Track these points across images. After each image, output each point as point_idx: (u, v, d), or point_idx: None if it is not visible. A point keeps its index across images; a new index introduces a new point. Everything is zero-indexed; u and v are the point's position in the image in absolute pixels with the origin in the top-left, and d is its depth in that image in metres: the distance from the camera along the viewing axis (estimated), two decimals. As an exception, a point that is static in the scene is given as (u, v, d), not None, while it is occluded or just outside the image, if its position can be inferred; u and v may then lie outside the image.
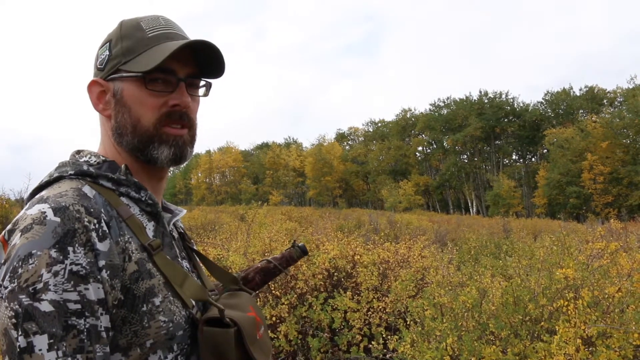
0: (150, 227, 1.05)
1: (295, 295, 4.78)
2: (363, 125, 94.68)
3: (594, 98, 68.35)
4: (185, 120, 1.09)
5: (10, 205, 8.91)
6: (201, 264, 1.25)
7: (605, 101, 68.10)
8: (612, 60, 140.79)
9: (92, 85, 1.08)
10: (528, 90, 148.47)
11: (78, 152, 1.10)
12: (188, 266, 1.13)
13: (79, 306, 0.83)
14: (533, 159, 75.92)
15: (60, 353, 0.80)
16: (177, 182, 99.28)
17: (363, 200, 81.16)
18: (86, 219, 0.88)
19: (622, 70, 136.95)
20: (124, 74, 1.05)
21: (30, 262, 0.82)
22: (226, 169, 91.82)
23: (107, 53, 1.07)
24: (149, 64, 1.03)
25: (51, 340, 0.80)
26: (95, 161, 1.05)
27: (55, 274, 0.82)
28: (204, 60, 1.10)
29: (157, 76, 1.05)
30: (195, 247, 1.25)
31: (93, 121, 1.18)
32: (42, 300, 0.80)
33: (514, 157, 78.40)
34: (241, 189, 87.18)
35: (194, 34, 1.16)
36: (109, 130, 1.09)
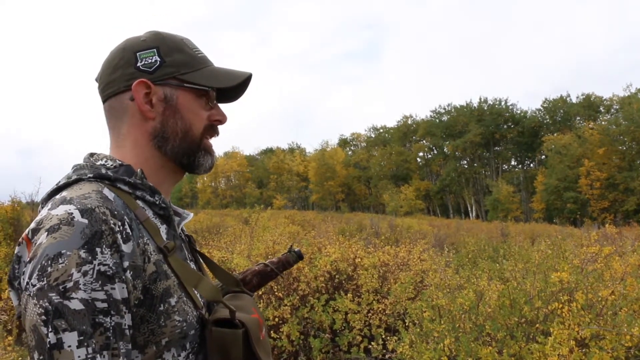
0: (163, 230, 1.07)
1: (298, 297, 4.81)
2: (365, 131, 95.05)
3: (590, 105, 68.52)
4: (217, 134, 1.20)
5: (22, 207, 8.91)
6: (204, 266, 1.28)
7: (601, 108, 68.32)
8: (609, 68, 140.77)
9: (139, 84, 1.08)
10: (526, 97, 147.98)
11: (92, 154, 1.10)
12: (194, 268, 1.15)
13: (105, 305, 0.85)
14: (531, 165, 75.86)
15: (90, 350, 0.82)
16: (183, 186, 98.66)
17: (365, 205, 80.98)
18: (112, 221, 0.90)
19: (618, 78, 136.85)
20: (187, 84, 1.11)
21: (60, 261, 0.83)
22: (231, 173, 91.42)
23: (158, 59, 1.10)
24: (223, 82, 1.14)
25: (81, 338, 0.81)
26: (111, 165, 1.06)
27: (85, 274, 0.83)
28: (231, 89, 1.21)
29: (211, 93, 1.15)
30: (198, 249, 1.26)
31: (99, 124, 1.18)
32: (73, 298, 0.82)
33: (512, 162, 78.37)
34: (246, 193, 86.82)
35: (197, 40, 1.22)
36: (145, 133, 1.11)
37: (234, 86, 1.18)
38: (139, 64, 1.09)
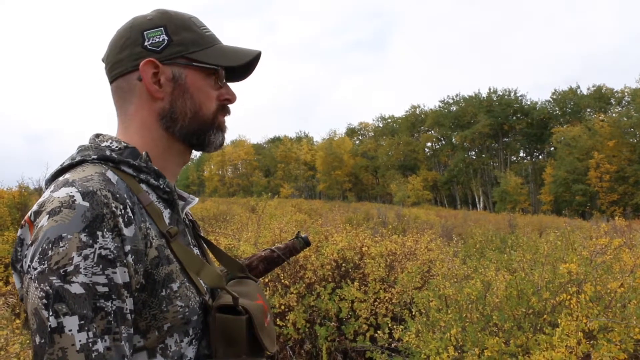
0: (166, 215, 1.05)
1: (304, 285, 4.81)
2: (373, 120, 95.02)
3: (601, 97, 67.97)
4: (229, 113, 1.18)
5: (29, 193, 9.01)
6: (209, 252, 1.27)
7: (612, 100, 67.71)
8: (620, 59, 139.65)
9: (147, 64, 1.06)
10: (535, 88, 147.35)
11: (97, 135, 1.09)
12: (198, 253, 1.14)
13: (106, 289, 0.84)
14: (540, 157, 75.51)
15: (90, 334, 0.82)
16: (190, 174, 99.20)
17: (372, 195, 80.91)
18: (113, 205, 0.89)
19: (630, 70, 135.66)
20: (195, 63, 1.09)
21: (61, 245, 0.83)
22: (238, 161, 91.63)
23: (166, 38, 1.07)
24: (233, 60, 1.12)
25: (81, 322, 0.81)
26: (116, 146, 1.05)
27: (86, 258, 0.83)
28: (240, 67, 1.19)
29: (220, 72, 1.13)
30: (202, 235, 1.26)
31: (106, 109, 1.17)
32: (73, 282, 0.82)
33: (521, 154, 78.10)
34: (253, 182, 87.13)
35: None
36: (153, 114, 1.09)
37: (243, 65, 1.15)
38: (146, 43, 1.07)
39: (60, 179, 0.95)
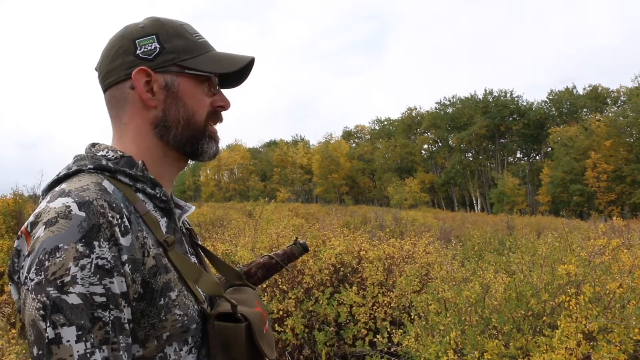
0: (163, 223, 1.06)
1: (302, 290, 4.80)
2: (369, 123, 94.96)
3: (597, 97, 68.26)
4: (221, 120, 1.18)
5: (24, 201, 8.97)
6: (206, 259, 1.27)
7: (608, 100, 67.95)
8: (616, 59, 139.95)
9: (139, 72, 1.05)
10: (531, 88, 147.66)
11: (93, 145, 1.09)
12: (195, 261, 1.14)
13: (104, 299, 0.84)
14: (537, 157, 75.68)
15: (88, 344, 0.81)
16: (186, 179, 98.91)
17: (369, 198, 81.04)
18: (110, 214, 0.89)
19: (626, 69, 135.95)
20: (187, 70, 1.09)
21: (58, 255, 0.83)
22: (234, 166, 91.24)
23: (158, 46, 1.07)
24: (225, 67, 1.11)
25: (79, 332, 0.81)
26: (113, 156, 1.05)
27: (82, 268, 0.83)
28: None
29: (213, 79, 1.12)
30: (200, 243, 1.26)
31: (101, 117, 1.16)
32: (70, 293, 0.82)
33: (518, 155, 78.26)
34: (249, 186, 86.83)
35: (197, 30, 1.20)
36: (146, 122, 1.09)
37: (237, 71, 1.15)
38: (138, 52, 1.07)
39: (57, 189, 0.95)
